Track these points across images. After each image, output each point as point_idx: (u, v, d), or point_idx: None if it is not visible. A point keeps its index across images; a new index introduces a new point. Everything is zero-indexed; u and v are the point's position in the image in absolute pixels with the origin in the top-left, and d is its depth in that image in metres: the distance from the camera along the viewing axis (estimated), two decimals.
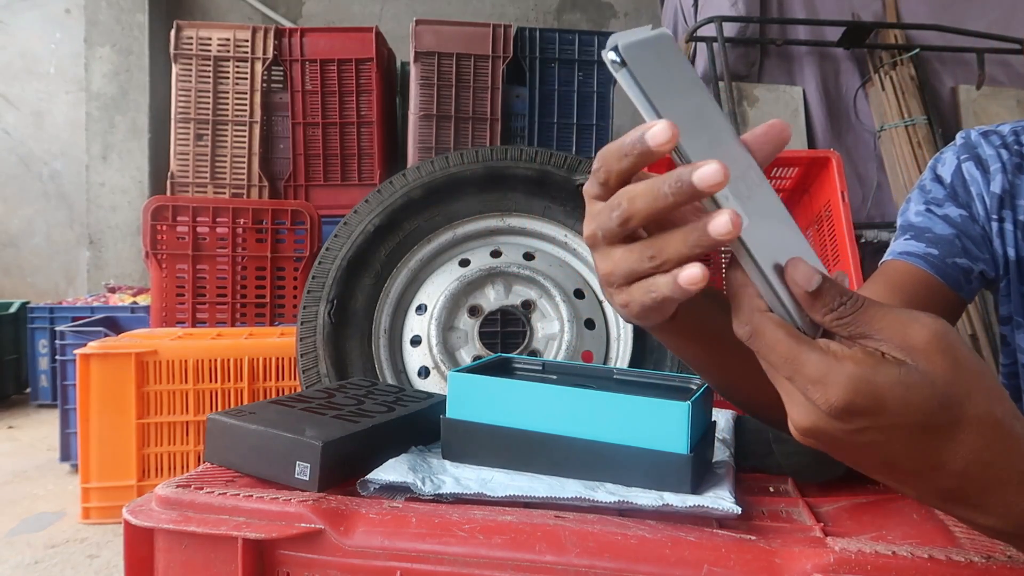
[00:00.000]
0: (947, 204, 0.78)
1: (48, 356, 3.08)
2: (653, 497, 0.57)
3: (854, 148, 2.99)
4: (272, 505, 0.55)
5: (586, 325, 1.34)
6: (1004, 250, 0.77)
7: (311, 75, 2.92)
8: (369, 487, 0.60)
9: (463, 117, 2.89)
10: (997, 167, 0.78)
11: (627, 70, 0.37)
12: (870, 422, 0.35)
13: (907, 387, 0.35)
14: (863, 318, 0.36)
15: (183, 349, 1.81)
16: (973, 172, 0.79)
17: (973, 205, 0.78)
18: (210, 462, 0.66)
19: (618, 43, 0.37)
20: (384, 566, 0.52)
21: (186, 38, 2.92)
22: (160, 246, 2.34)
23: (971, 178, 0.79)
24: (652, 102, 0.37)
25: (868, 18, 3.03)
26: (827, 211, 1.76)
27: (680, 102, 0.38)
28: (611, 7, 4.52)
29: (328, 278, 1.29)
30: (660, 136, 0.35)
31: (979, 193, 0.78)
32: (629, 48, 0.37)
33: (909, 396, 0.35)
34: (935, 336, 0.36)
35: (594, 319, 1.35)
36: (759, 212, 0.38)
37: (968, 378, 0.36)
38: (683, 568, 0.49)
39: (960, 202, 0.78)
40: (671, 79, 0.38)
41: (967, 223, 0.77)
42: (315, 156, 2.96)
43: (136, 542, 0.56)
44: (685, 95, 0.38)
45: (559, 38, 2.96)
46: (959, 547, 0.50)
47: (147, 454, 1.80)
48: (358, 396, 0.79)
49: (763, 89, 2.99)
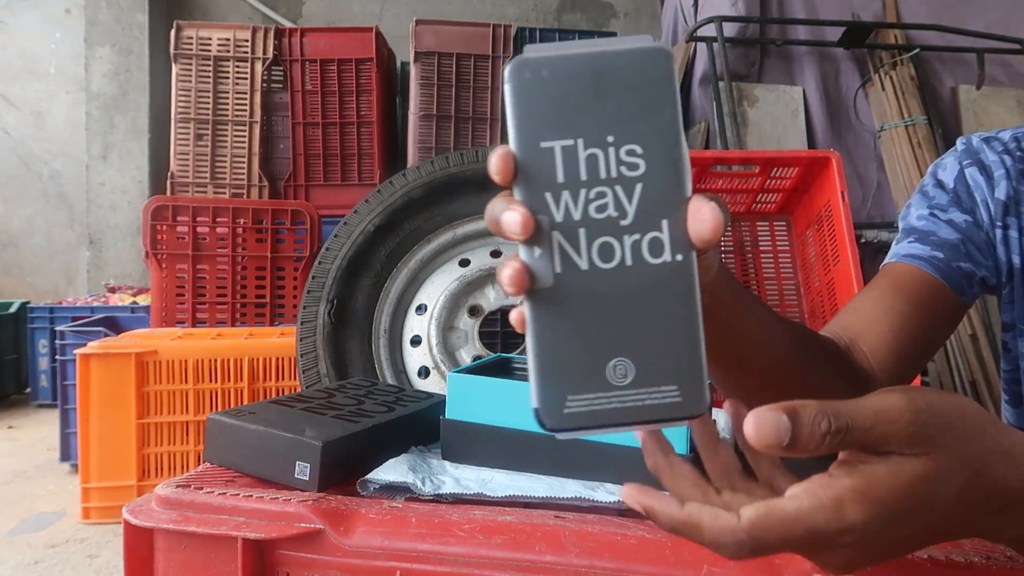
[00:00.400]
0: (951, 209, 0.78)
1: (48, 356, 3.08)
2: None
3: (854, 148, 2.99)
4: (272, 505, 0.55)
5: None
6: (1008, 257, 0.77)
7: (311, 75, 2.92)
8: (369, 487, 0.60)
9: (463, 117, 2.89)
10: (1001, 173, 0.77)
11: (508, 87, 0.33)
12: (861, 536, 0.33)
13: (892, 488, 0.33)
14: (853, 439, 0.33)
15: (183, 349, 1.81)
16: (977, 177, 0.78)
17: (977, 211, 0.78)
18: (210, 462, 0.66)
19: (522, 56, 0.33)
20: (384, 566, 0.52)
21: (186, 38, 2.92)
22: (160, 246, 2.34)
23: (975, 183, 0.78)
24: (513, 125, 0.33)
25: (868, 18, 3.03)
26: (827, 211, 1.76)
27: (560, 132, 0.33)
28: (611, 7, 4.52)
29: (328, 278, 1.29)
30: (493, 167, 0.32)
31: (983, 199, 0.77)
32: (524, 66, 0.33)
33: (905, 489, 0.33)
34: (913, 417, 0.33)
35: None
36: (614, 282, 0.32)
37: (964, 436, 0.34)
38: (683, 568, 0.49)
39: (964, 207, 0.78)
40: (571, 106, 0.33)
41: (972, 228, 0.76)
42: (315, 156, 2.96)
43: (136, 542, 0.56)
44: (576, 128, 0.33)
45: (559, 38, 2.95)
46: (959, 547, 0.50)
47: (147, 454, 1.80)
48: (358, 396, 0.79)
49: (763, 89, 2.99)
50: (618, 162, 0.33)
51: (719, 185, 1.90)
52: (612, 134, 0.33)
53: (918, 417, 0.33)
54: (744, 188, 1.91)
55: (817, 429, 0.32)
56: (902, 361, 0.67)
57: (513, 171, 0.32)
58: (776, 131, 2.95)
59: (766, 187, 1.91)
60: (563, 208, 0.33)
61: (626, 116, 0.33)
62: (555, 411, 0.32)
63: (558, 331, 0.33)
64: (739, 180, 1.90)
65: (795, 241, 1.98)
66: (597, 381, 0.32)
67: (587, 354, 0.32)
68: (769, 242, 1.99)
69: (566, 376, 0.32)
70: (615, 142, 0.33)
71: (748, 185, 1.91)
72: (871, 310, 0.70)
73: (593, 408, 0.32)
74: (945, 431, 0.34)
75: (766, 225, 2.00)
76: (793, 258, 1.98)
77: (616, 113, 0.33)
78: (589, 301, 0.33)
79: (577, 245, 0.33)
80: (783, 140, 2.94)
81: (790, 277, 1.97)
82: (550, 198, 0.33)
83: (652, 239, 0.33)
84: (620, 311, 0.32)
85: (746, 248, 1.99)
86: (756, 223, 2.00)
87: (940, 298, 0.73)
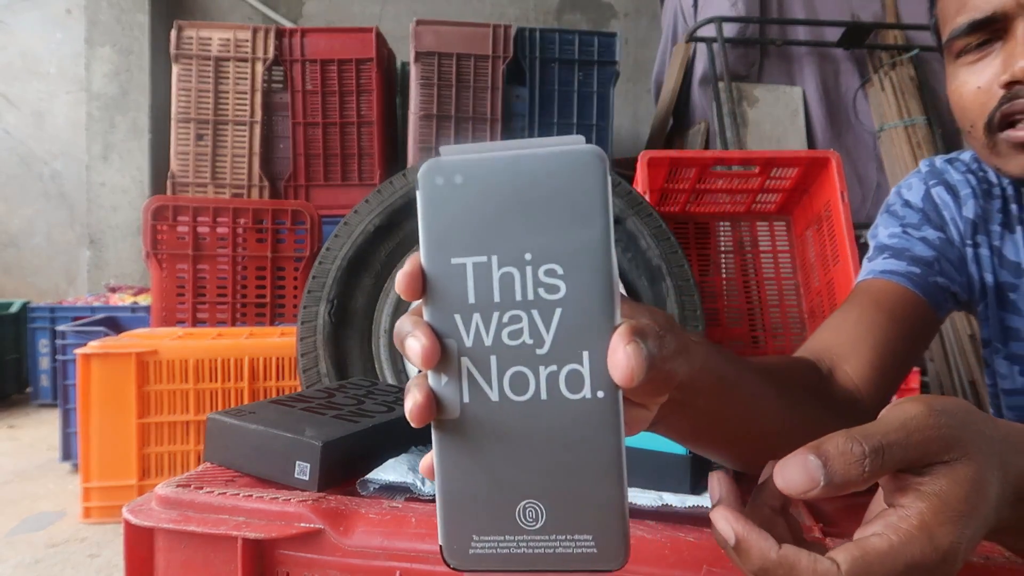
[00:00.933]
0: (924, 227, 0.78)
1: (49, 356, 3.08)
2: (652, 497, 0.57)
3: (854, 148, 2.99)
4: (272, 505, 0.55)
5: None
6: (981, 275, 0.77)
7: (311, 75, 2.92)
8: (369, 487, 0.60)
9: (463, 117, 2.89)
10: (967, 192, 0.78)
11: (419, 193, 0.30)
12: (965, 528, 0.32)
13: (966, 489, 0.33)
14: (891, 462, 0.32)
15: (183, 349, 1.81)
16: (944, 197, 0.79)
17: (947, 228, 0.78)
18: (210, 462, 0.66)
19: (436, 159, 0.30)
20: (384, 566, 0.52)
21: (186, 38, 2.92)
22: (160, 246, 2.34)
23: (942, 202, 0.79)
24: (423, 238, 0.30)
25: (868, 18, 3.03)
26: (827, 211, 1.76)
27: (473, 248, 0.29)
28: (611, 7, 4.52)
29: (328, 278, 1.29)
30: (399, 284, 0.30)
31: (952, 218, 0.78)
32: (436, 170, 0.30)
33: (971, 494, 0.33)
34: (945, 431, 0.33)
35: None
36: (527, 417, 0.29)
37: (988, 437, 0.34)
38: (683, 568, 0.49)
39: (935, 225, 0.78)
40: (486, 218, 0.29)
41: (945, 245, 0.77)
42: (315, 156, 2.96)
43: (136, 542, 0.56)
44: (491, 242, 0.29)
45: (559, 38, 2.96)
46: None
47: (147, 454, 1.80)
48: (358, 396, 0.79)
49: (763, 89, 3.00)
50: (536, 283, 0.29)
51: (719, 185, 1.90)
52: (530, 251, 0.29)
53: (940, 419, 0.33)
54: (744, 188, 1.92)
55: (851, 456, 0.31)
56: (885, 377, 0.68)
57: (421, 289, 0.30)
58: (776, 131, 2.95)
59: (766, 187, 1.91)
60: (473, 332, 0.29)
61: (547, 230, 0.29)
62: (460, 551, 0.30)
63: (465, 466, 0.30)
64: (739, 180, 1.90)
65: (795, 241, 1.98)
66: (506, 523, 0.30)
67: (496, 493, 0.30)
68: (769, 242, 2.00)
69: (472, 515, 0.30)
70: (533, 260, 0.29)
71: (748, 185, 1.91)
72: (853, 328, 0.70)
73: (500, 551, 0.30)
74: (966, 429, 0.34)
75: (766, 225, 2.00)
76: (793, 258, 1.98)
77: (536, 227, 0.29)
78: (499, 436, 0.30)
79: (488, 374, 0.29)
80: (783, 140, 2.94)
81: (790, 277, 1.97)
82: (459, 320, 0.29)
83: (571, 372, 0.29)
84: (533, 449, 0.29)
85: (746, 248, 2.00)
86: (756, 223, 2.00)
87: (919, 313, 0.73)
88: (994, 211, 0.77)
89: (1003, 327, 0.77)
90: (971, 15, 0.60)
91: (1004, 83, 0.60)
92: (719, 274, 1.97)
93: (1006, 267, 0.76)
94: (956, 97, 0.67)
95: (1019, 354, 0.76)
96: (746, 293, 1.97)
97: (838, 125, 3.04)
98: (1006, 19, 0.59)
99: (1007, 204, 0.77)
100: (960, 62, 0.65)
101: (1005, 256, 0.76)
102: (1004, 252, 0.76)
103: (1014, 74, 0.59)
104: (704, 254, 1.98)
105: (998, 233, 0.76)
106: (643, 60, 4.43)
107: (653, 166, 1.79)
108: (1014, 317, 0.76)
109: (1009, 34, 0.59)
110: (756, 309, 1.96)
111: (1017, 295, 0.75)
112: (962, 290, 0.77)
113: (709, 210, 1.99)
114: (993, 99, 0.62)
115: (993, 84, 0.61)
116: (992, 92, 0.62)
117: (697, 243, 1.98)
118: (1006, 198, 0.77)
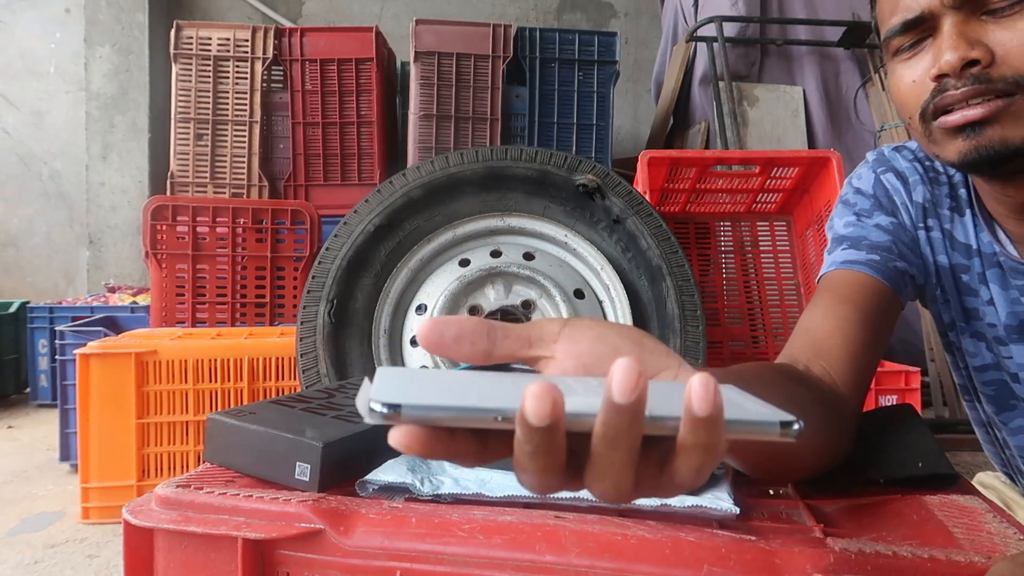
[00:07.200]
0: (876, 213, 0.80)
1: (48, 356, 3.08)
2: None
3: (854, 148, 2.99)
4: (272, 505, 0.55)
5: None
6: (935, 258, 0.79)
7: (311, 75, 2.92)
8: (368, 488, 0.60)
9: (463, 117, 2.89)
10: (916, 178, 0.81)
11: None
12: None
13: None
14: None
15: (183, 349, 1.81)
16: (894, 182, 0.82)
17: (899, 213, 0.80)
18: (210, 462, 0.66)
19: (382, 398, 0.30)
20: (384, 566, 0.52)
21: (186, 38, 2.92)
22: (160, 246, 2.34)
23: (893, 188, 0.81)
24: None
25: (868, 18, 3.03)
26: (827, 211, 1.76)
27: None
28: (611, 7, 4.52)
29: (328, 278, 1.29)
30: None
31: (903, 202, 0.80)
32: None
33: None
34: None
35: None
36: None
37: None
38: (683, 568, 0.48)
39: (887, 211, 0.81)
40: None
41: (898, 229, 0.79)
42: (315, 156, 2.96)
43: (136, 542, 0.56)
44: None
45: (559, 38, 2.96)
46: (959, 547, 0.50)
47: (147, 454, 1.80)
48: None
49: (763, 89, 3.00)
50: None
51: (719, 185, 1.90)
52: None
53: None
54: (744, 188, 1.91)
55: None
56: (859, 368, 0.69)
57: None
58: (776, 131, 2.95)
59: (766, 187, 1.91)
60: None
61: None
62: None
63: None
64: (739, 180, 1.90)
65: (795, 241, 1.98)
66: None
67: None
68: (769, 242, 1.99)
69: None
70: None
71: (748, 185, 1.91)
72: (821, 326, 0.71)
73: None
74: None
75: (766, 225, 2.00)
76: (793, 258, 1.98)
77: None
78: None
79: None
80: (783, 140, 2.94)
81: (790, 277, 1.97)
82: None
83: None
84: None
85: (746, 248, 1.99)
86: (756, 223, 2.00)
87: (883, 299, 0.75)
88: (943, 196, 0.80)
89: (963, 308, 0.79)
90: (903, 15, 0.66)
91: (934, 76, 0.64)
92: (719, 274, 1.97)
93: (957, 249, 0.78)
94: (895, 92, 0.71)
95: (981, 332, 0.78)
96: (746, 293, 1.97)
97: (838, 125, 3.04)
98: (934, 18, 0.64)
99: (955, 189, 0.79)
100: (897, 59, 0.69)
101: (956, 238, 0.78)
102: (955, 234, 0.78)
103: (941, 67, 0.63)
104: (704, 254, 1.98)
105: (948, 216, 0.79)
106: (643, 60, 4.43)
107: (653, 166, 1.79)
108: (969, 298, 0.78)
109: (938, 31, 0.64)
110: (756, 309, 1.96)
111: (970, 276, 0.78)
112: (919, 272, 0.79)
113: (709, 210, 1.99)
114: (926, 91, 0.66)
115: (925, 78, 0.66)
116: (925, 85, 0.66)
117: (697, 243, 1.98)
118: (953, 184, 0.79)
